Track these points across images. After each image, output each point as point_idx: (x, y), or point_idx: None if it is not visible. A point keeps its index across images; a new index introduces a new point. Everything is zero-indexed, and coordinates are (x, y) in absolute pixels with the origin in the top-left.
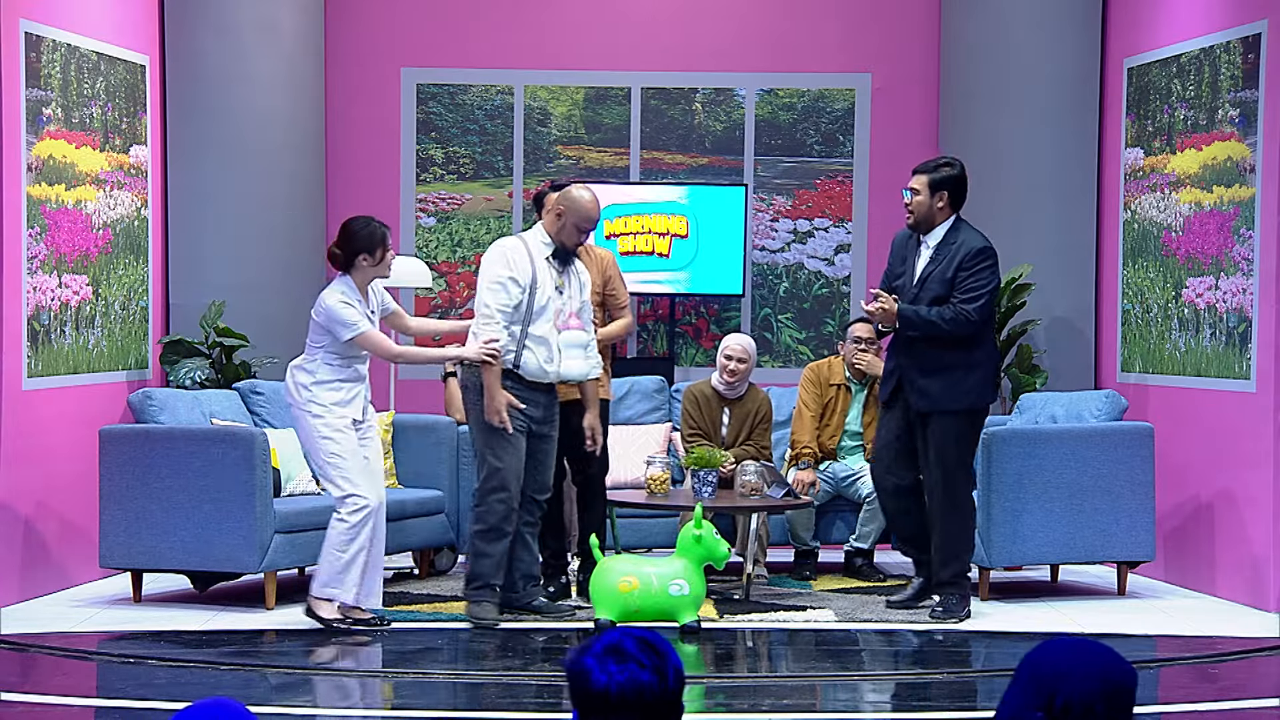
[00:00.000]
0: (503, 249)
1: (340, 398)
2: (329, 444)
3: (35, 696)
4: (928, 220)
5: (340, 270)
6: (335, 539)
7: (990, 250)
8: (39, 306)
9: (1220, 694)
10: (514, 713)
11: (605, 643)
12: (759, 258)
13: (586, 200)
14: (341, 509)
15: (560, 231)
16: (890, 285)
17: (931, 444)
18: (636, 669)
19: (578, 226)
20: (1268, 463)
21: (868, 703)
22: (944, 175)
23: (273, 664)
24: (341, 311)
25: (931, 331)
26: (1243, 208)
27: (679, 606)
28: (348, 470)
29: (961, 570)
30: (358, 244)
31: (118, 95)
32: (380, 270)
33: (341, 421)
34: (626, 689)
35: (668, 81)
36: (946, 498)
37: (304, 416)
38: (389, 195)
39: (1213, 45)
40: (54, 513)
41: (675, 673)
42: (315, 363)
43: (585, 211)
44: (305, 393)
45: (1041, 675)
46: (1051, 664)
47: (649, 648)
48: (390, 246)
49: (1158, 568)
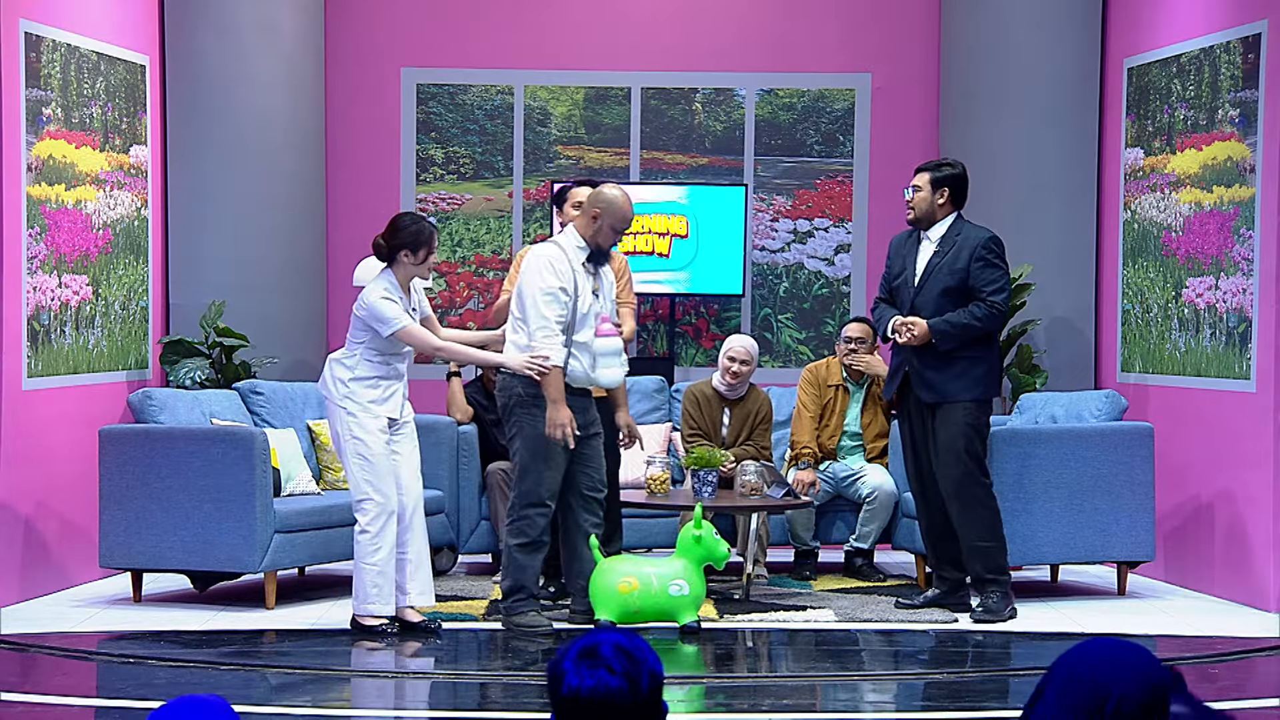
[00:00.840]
0: (546, 257)
1: (378, 395)
2: (359, 445)
3: (35, 696)
4: (929, 216)
5: (383, 262)
6: (361, 552)
7: (999, 239)
8: (39, 306)
9: (1220, 694)
10: (514, 713)
11: (582, 645)
12: (759, 258)
13: (622, 201)
14: (359, 515)
15: (596, 234)
16: (889, 288)
17: (941, 436)
18: (606, 674)
19: (614, 228)
20: (1268, 463)
21: (868, 703)
22: (946, 173)
23: (273, 664)
24: (383, 308)
25: (968, 335)
26: (1243, 208)
27: (679, 607)
28: (372, 474)
29: (996, 566)
30: (402, 239)
31: (118, 95)
32: (420, 271)
33: (376, 424)
34: (596, 693)
35: (668, 81)
36: (962, 489)
37: (339, 412)
38: (389, 195)
39: (1213, 45)
40: (54, 513)
41: (650, 678)
42: (355, 359)
43: (622, 212)
44: (342, 388)
45: (1085, 678)
46: (1097, 666)
47: (623, 653)
48: (434, 248)
49: (1158, 568)
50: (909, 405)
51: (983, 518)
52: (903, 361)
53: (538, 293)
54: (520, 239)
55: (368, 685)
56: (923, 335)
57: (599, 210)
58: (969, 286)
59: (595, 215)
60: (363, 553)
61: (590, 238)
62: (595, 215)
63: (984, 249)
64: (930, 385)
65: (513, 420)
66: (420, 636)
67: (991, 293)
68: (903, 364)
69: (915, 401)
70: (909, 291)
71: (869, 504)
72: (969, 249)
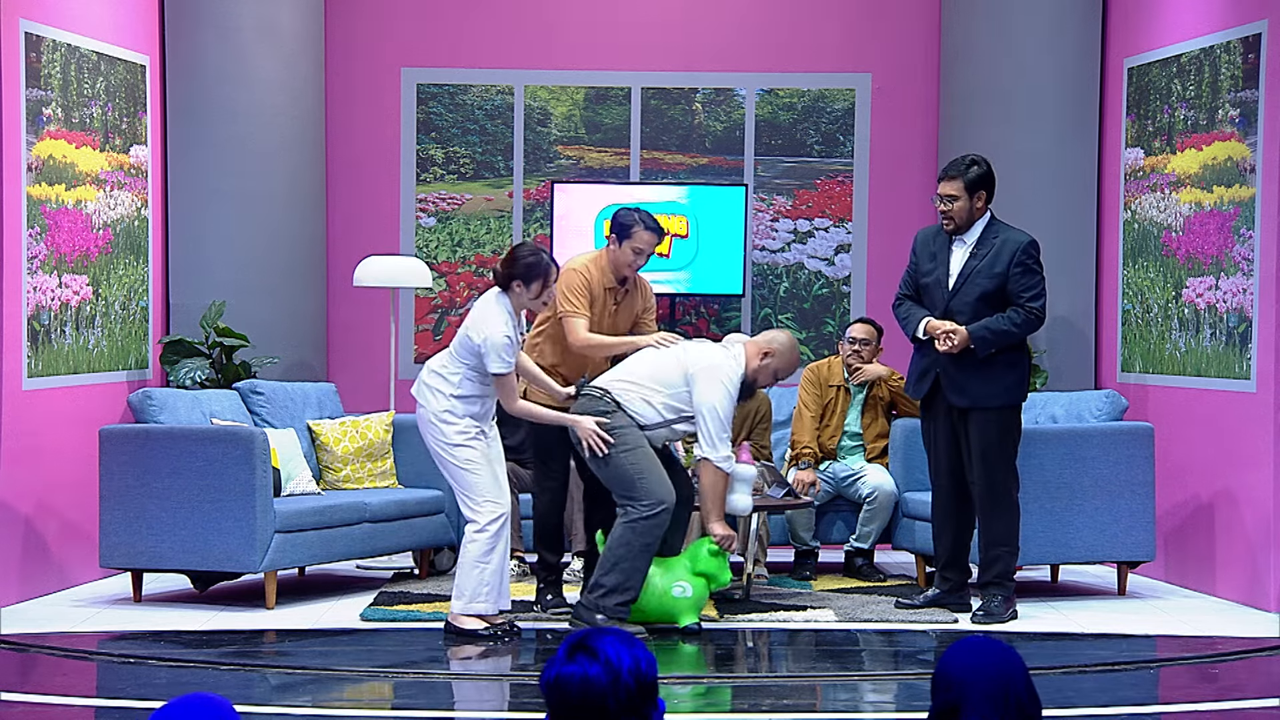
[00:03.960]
0: (732, 381)
1: (477, 411)
2: (464, 450)
3: (35, 696)
4: (968, 223)
5: (499, 288)
6: (476, 553)
7: (1037, 244)
8: (39, 306)
9: (1220, 694)
10: (514, 713)
11: (576, 637)
12: (759, 258)
13: (794, 354)
14: (476, 515)
15: (758, 372)
16: (916, 285)
17: (975, 441)
18: (588, 662)
19: (776, 373)
20: (1268, 463)
21: (868, 703)
22: (976, 175)
23: (273, 664)
24: (504, 350)
25: (1006, 341)
26: (1243, 208)
27: (680, 609)
28: (483, 479)
29: (1006, 571)
30: (516, 270)
31: (118, 95)
32: (535, 304)
33: (475, 428)
34: (573, 680)
35: (668, 81)
36: (992, 495)
37: (437, 425)
38: (389, 195)
39: (1213, 45)
40: (54, 513)
41: (634, 673)
42: (458, 376)
43: (791, 365)
44: (443, 401)
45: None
46: (998, 669)
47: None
48: (550, 282)
49: (1158, 568)
50: (937, 407)
51: (1007, 524)
52: (932, 363)
53: (724, 397)
54: (520, 239)
55: (368, 685)
56: (963, 343)
57: (771, 351)
58: (1007, 291)
59: (766, 354)
60: (478, 552)
61: (751, 373)
62: (766, 354)
63: (1024, 254)
64: (964, 390)
65: (613, 449)
66: (507, 639)
67: (1030, 298)
68: (932, 366)
69: (945, 404)
70: (942, 292)
71: (869, 504)
72: (1009, 253)
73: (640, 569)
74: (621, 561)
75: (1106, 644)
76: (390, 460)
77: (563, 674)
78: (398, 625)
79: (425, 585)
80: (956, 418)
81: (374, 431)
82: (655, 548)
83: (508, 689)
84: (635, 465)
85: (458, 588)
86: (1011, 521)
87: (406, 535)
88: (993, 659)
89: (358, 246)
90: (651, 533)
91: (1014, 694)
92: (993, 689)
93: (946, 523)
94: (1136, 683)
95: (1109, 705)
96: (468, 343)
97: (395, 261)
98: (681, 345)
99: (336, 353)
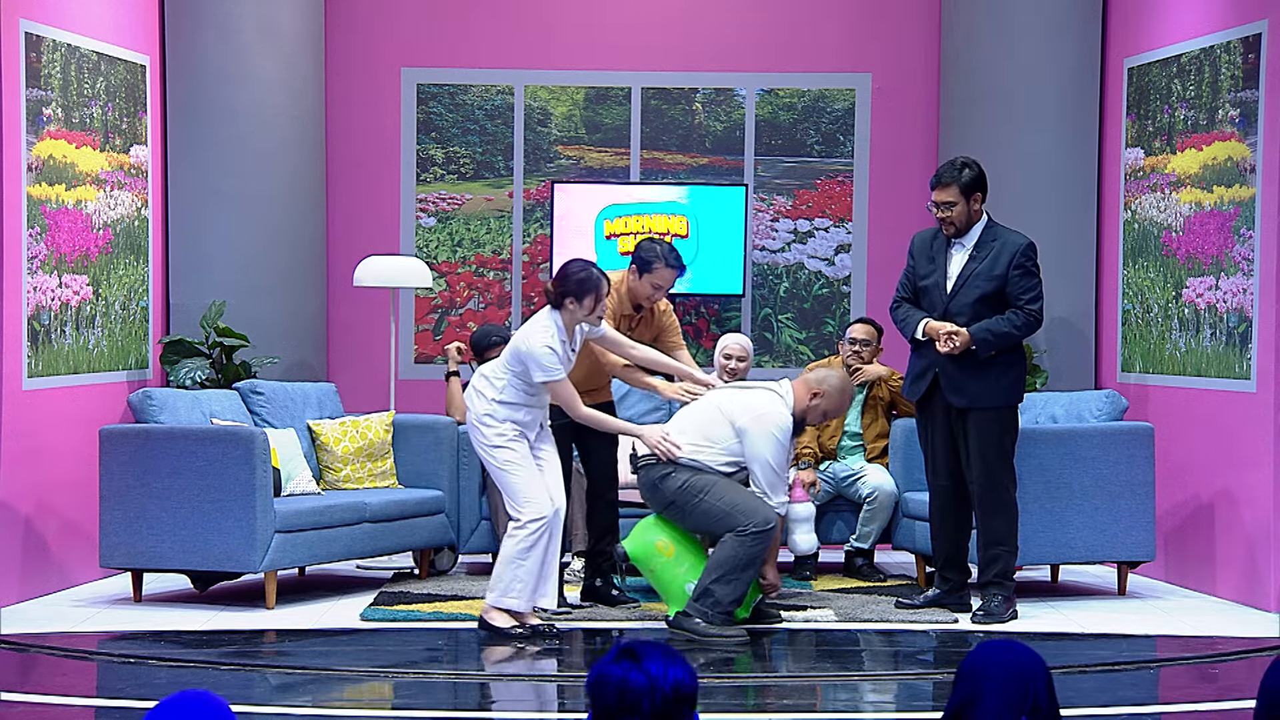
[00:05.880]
0: (783, 429)
1: (519, 417)
2: (503, 452)
3: (35, 696)
4: (968, 226)
5: (551, 306)
6: (513, 549)
7: (1035, 246)
8: (39, 306)
9: (1220, 694)
10: (514, 713)
11: (629, 644)
12: (759, 258)
13: (844, 399)
14: (519, 513)
15: (808, 411)
16: (914, 287)
17: (973, 441)
18: (633, 669)
19: (826, 413)
20: (1268, 463)
21: (868, 703)
22: (970, 178)
23: (273, 664)
24: (543, 357)
25: (1007, 343)
26: (1243, 208)
27: (678, 599)
28: (524, 480)
29: (1005, 571)
30: (567, 287)
31: (118, 95)
32: (590, 319)
33: (515, 430)
34: (613, 681)
35: (668, 81)
36: (991, 495)
37: (478, 427)
38: (389, 195)
39: (1213, 45)
40: (54, 513)
41: (675, 686)
42: (503, 382)
43: (840, 408)
44: (486, 404)
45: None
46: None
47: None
48: (603, 296)
49: (1158, 568)
50: (934, 406)
51: (1006, 523)
52: (931, 364)
53: (781, 458)
54: (520, 239)
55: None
56: (965, 344)
57: (821, 392)
58: (1005, 293)
59: (815, 395)
60: (515, 548)
61: (799, 412)
62: (815, 395)
63: (1023, 256)
64: (963, 390)
65: (694, 498)
66: (540, 640)
67: (1029, 300)
68: (930, 366)
69: (941, 405)
70: (941, 295)
71: (869, 504)
72: (1008, 255)
73: (746, 579)
74: (730, 573)
75: (1106, 644)
76: (390, 460)
77: (604, 674)
78: (398, 625)
79: (425, 585)
80: (954, 418)
81: (374, 432)
82: (760, 560)
83: (506, 689)
84: (721, 500)
85: (493, 580)
86: (1010, 521)
87: (406, 535)
88: (1015, 657)
89: (358, 246)
90: (759, 545)
91: (1033, 694)
92: (1011, 686)
93: (945, 523)
94: (1136, 683)
95: (1109, 705)
96: (515, 351)
97: (395, 261)
98: (720, 394)
99: (336, 353)
